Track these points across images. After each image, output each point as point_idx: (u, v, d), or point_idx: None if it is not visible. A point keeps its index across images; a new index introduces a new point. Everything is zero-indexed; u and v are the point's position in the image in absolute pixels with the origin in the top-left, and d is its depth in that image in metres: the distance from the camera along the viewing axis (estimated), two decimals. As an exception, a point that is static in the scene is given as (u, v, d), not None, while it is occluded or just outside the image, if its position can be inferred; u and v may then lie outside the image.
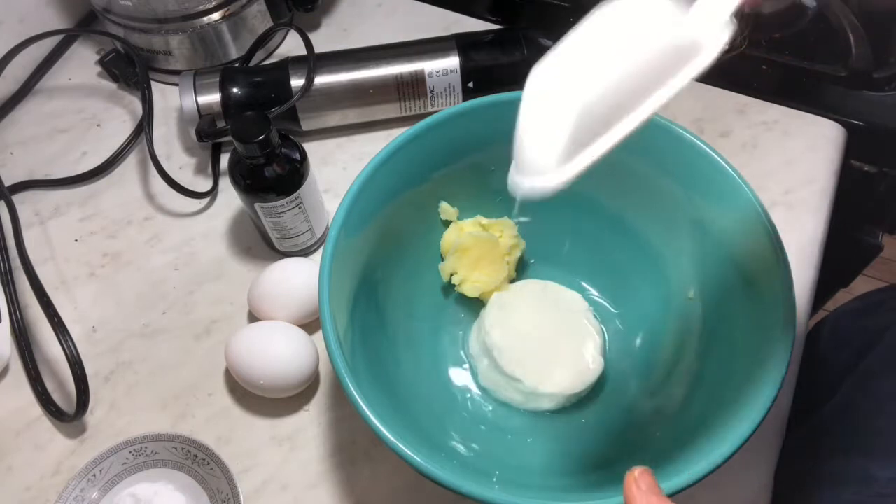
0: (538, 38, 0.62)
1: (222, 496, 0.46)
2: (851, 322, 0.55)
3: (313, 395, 0.51)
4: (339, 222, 0.42)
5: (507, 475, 0.42)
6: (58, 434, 0.51)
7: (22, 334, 0.51)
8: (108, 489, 0.47)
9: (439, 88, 0.61)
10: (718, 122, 0.62)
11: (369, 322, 0.46)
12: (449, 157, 0.48)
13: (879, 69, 0.63)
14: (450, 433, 0.45)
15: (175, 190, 0.58)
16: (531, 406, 0.48)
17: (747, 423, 0.36)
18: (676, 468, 0.36)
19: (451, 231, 0.51)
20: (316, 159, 0.61)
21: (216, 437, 0.50)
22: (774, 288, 0.40)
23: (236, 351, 0.48)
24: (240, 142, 0.47)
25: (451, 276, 0.50)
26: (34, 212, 0.61)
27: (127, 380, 0.52)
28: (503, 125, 0.48)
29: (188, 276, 0.57)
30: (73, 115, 0.66)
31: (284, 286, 0.51)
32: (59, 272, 0.57)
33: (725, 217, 0.44)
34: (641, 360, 0.49)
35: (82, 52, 0.70)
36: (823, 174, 0.59)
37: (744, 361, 0.41)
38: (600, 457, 0.44)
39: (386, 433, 0.37)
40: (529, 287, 0.51)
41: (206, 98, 0.59)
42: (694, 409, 0.43)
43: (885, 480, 0.45)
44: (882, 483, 0.45)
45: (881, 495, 0.44)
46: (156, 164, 0.58)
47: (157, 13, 0.61)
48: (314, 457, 0.49)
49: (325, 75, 0.60)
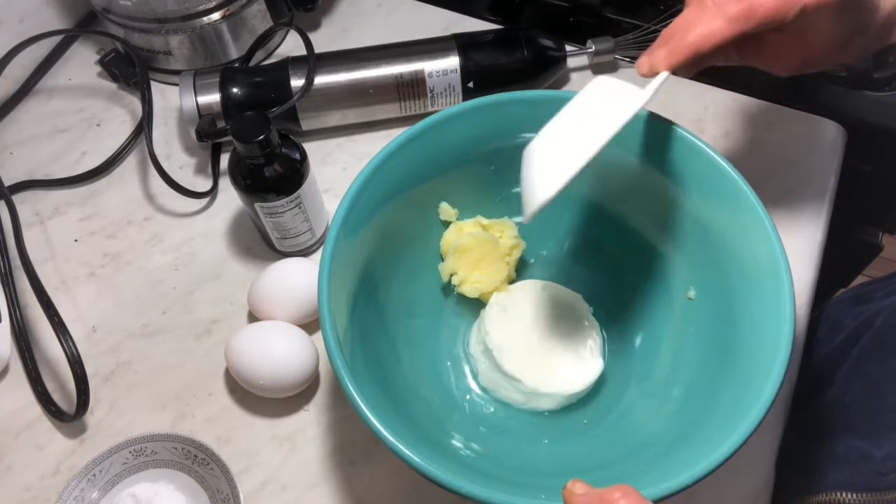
0: (538, 38, 0.62)
1: (222, 496, 0.46)
2: (844, 310, 0.56)
3: (313, 395, 0.51)
4: (338, 222, 0.42)
5: (507, 475, 0.42)
6: (58, 434, 0.51)
7: (22, 334, 0.51)
8: (108, 489, 0.47)
9: (439, 89, 0.61)
10: (718, 122, 0.62)
11: (369, 322, 0.46)
12: (449, 157, 0.48)
13: (879, 69, 0.63)
14: (450, 433, 0.45)
15: (175, 190, 0.58)
16: (531, 406, 0.48)
17: (747, 423, 0.36)
18: (676, 468, 0.36)
19: (451, 231, 0.51)
20: (316, 159, 0.61)
21: (216, 437, 0.50)
22: (774, 288, 0.40)
23: (236, 351, 0.48)
24: (240, 142, 0.47)
25: (451, 277, 0.50)
26: (34, 212, 0.61)
27: (127, 380, 0.52)
28: (503, 125, 0.48)
29: (188, 276, 0.57)
30: (73, 115, 0.67)
31: (284, 286, 0.51)
32: (59, 272, 0.57)
33: (725, 217, 0.44)
34: (641, 360, 0.49)
35: (82, 52, 0.70)
36: (823, 174, 0.59)
37: (743, 361, 0.41)
38: (600, 457, 0.44)
39: (386, 433, 0.37)
40: (529, 287, 0.51)
41: (206, 98, 0.59)
42: (693, 408, 0.43)
43: (880, 459, 0.45)
44: (878, 461, 0.45)
45: (879, 473, 0.45)
46: (155, 164, 0.58)
47: (157, 13, 0.61)
48: (314, 457, 0.49)
49: (324, 75, 0.60)
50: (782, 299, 0.40)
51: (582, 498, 0.31)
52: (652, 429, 0.44)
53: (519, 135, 0.48)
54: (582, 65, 0.67)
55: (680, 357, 0.47)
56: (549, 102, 0.48)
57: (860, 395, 0.50)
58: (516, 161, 0.50)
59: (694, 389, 0.44)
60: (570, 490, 0.32)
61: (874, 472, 0.45)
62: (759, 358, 0.39)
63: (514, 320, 0.49)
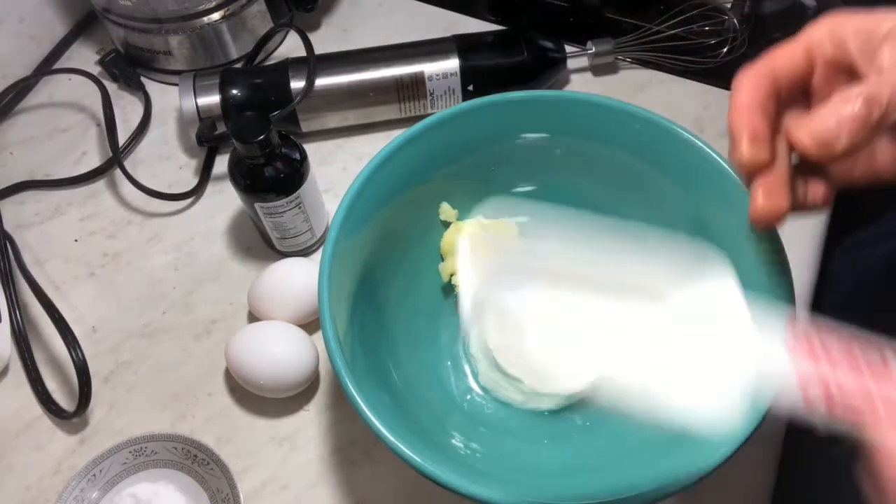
0: (538, 40, 0.62)
1: (222, 496, 0.46)
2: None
3: (313, 395, 0.51)
4: (338, 222, 0.42)
5: (507, 475, 0.42)
6: (58, 434, 0.51)
7: (22, 334, 0.51)
8: (108, 489, 0.47)
9: (439, 91, 0.61)
10: (718, 122, 0.62)
11: (369, 322, 0.46)
12: (449, 157, 0.48)
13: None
14: (450, 433, 0.45)
15: (147, 194, 0.59)
16: (531, 406, 0.48)
17: (747, 423, 0.36)
18: (676, 468, 0.36)
19: (451, 231, 0.51)
20: (316, 160, 0.61)
21: (216, 437, 0.50)
22: (774, 288, 0.40)
23: (236, 351, 0.48)
24: (240, 142, 0.47)
25: (451, 277, 0.50)
26: (34, 212, 0.61)
27: (127, 380, 0.52)
28: (503, 125, 0.48)
29: (188, 276, 0.57)
30: (73, 114, 0.67)
31: (284, 286, 0.51)
32: (59, 272, 0.57)
33: (725, 217, 0.44)
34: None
35: (82, 52, 0.70)
36: (823, 174, 0.59)
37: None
38: (600, 457, 0.44)
39: (386, 433, 0.37)
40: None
41: (206, 100, 0.59)
42: (694, 409, 0.43)
43: None
44: None
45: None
46: (121, 168, 0.60)
47: (157, 13, 0.61)
48: (314, 457, 0.49)
49: (324, 77, 0.60)
50: (782, 300, 0.40)
51: None
52: (651, 428, 0.44)
53: (519, 135, 0.48)
54: (582, 66, 0.67)
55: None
56: (549, 103, 0.48)
57: None
58: (516, 161, 0.50)
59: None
60: None
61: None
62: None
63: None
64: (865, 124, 0.29)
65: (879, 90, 0.29)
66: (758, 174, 0.32)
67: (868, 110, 0.29)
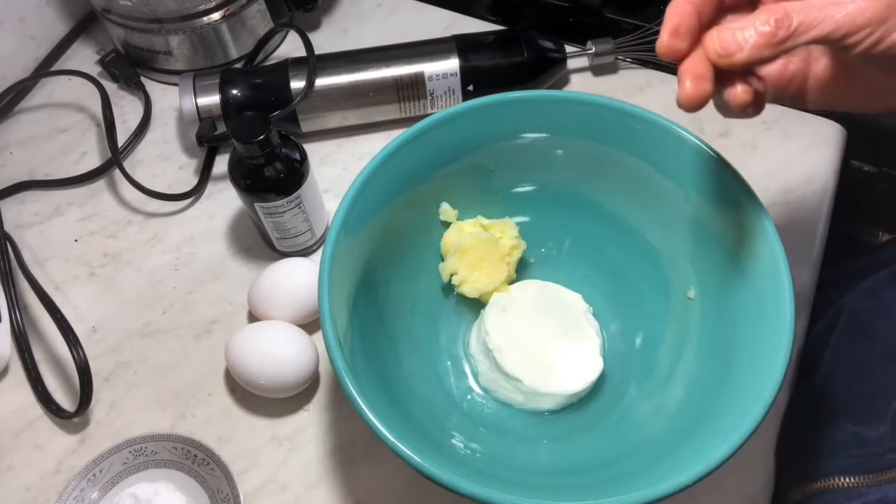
0: (538, 40, 0.62)
1: (222, 496, 0.46)
2: (821, 297, 0.56)
3: (313, 395, 0.51)
4: (338, 222, 0.42)
5: (507, 475, 0.42)
6: (58, 434, 0.51)
7: (22, 334, 0.51)
8: (108, 489, 0.47)
9: (439, 91, 0.61)
10: (718, 122, 0.62)
11: (369, 322, 0.46)
12: (449, 157, 0.48)
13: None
14: (450, 433, 0.45)
15: (146, 195, 0.59)
16: (531, 406, 0.48)
17: (747, 423, 0.36)
18: (676, 468, 0.36)
19: (451, 231, 0.51)
20: (316, 160, 0.61)
21: (216, 437, 0.50)
22: (774, 288, 0.40)
23: (236, 351, 0.48)
24: (240, 142, 0.47)
25: (451, 277, 0.50)
26: (34, 212, 0.61)
27: (127, 380, 0.52)
28: (503, 125, 0.48)
29: (188, 276, 0.57)
30: (73, 115, 0.67)
31: (284, 286, 0.51)
32: (60, 272, 0.57)
33: (725, 217, 0.44)
34: (641, 359, 0.49)
35: (82, 52, 0.70)
36: (823, 174, 0.59)
37: (744, 361, 0.41)
38: (600, 457, 0.44)
39: (386, 433, 0.37)
40: (529, 288, 0.51)
41: (206, 100, 0.59)
42: (693, 408, 0.43)
43: (876, 440, 0.45)
44: (874, 443, 0.45)
45: (876, 455, 0.45)
46: (120, 168, 0.59)
47: (157, 13, 0.61)
48: (314, 457, 0.49)
49: (324, 77, 0.60)
50: (782, 299, 0.40)
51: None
52: (652, 429, 0.44)
53: (519, 135, 0.48)
54: (582, 66, 0.67)
55: (680, 357, 0.47)
56: (549, 103, 0.48)
57: (846, 378, 0.51)
58: (516, 161, 0.50)
59: (694, 389, 0.44)
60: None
61: (871, 454, 0.45)
62: (760, 358, 0.39)
63: (515, 321, 0.49)
64: (769, 43, 0.32)
65: (790, 13, 0.31)
66: (680, 62, 0.36)
67: (774, 30, 0.31)
